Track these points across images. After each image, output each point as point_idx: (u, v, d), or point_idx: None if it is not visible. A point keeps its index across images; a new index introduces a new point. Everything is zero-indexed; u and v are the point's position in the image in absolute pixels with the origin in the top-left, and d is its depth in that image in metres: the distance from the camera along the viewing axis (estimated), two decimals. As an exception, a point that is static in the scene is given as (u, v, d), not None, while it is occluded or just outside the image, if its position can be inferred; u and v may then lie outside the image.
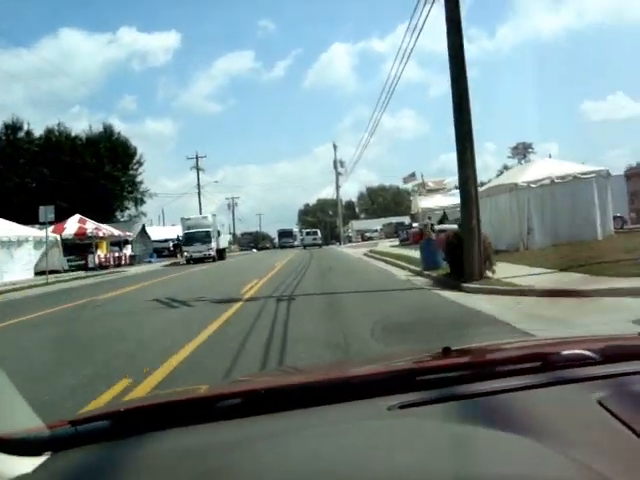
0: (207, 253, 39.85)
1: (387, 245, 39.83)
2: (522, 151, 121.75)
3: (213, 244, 40.71)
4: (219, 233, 45.58)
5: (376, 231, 74.72)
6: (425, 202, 38.28)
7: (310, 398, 1.32)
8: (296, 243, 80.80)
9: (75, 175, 55.48)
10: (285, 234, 76.60)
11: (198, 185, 60.48)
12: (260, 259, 38.81)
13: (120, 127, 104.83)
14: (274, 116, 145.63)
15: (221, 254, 43.50)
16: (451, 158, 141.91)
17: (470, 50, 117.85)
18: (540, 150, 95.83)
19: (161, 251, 52.71)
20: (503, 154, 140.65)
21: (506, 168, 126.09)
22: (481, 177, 48.27)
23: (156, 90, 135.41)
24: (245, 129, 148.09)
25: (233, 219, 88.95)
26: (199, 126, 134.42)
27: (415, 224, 62.72)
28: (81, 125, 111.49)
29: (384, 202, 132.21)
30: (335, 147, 58.00)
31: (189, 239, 40.57)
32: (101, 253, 36.63)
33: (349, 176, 56.05)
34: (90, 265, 34.08)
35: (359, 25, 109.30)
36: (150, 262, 43.88)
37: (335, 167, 57.73)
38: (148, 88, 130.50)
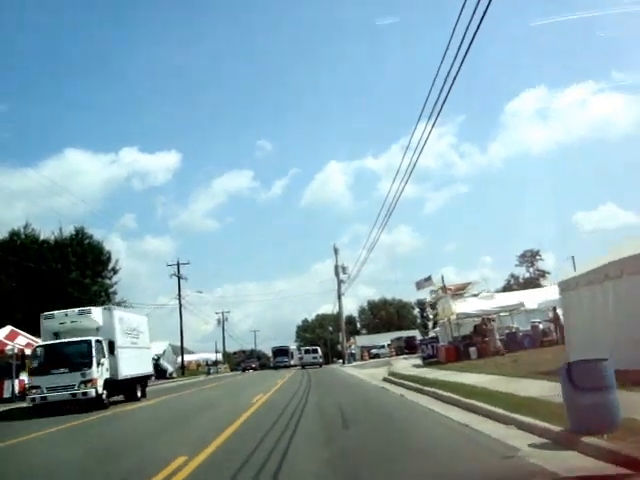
0: (77, 392, 18.10)
1: (407, 365, 30.65)
2: (530, 259, 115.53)
3: (94, 371, 18.48)
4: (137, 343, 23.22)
5: (383, 347, 65.27)
6: (461, 306, 29.36)
7: None
8: (293, 362, 71.24)
9: (39, 282, 47.26)
10: (280, 352, 66.92)
11: (179, 294, 51.86)
12: (224, 393, 25.45)
13: (119, 244, 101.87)
14: (272, 234, 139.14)
15: (131, 389, 21.93)
16: (449, 271, 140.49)
17: (462, 167, 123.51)
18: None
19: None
20: (504, 265, 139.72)
21: (513, 276, 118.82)
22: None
23: (155, 208, 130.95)
24: (243, 247, 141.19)
25: (223, 335, 79.53)
26: (198, 243, 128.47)
27: (434, 333, 53.64)
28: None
29: (387, 316, 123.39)
30: (336, 251, 50.45)
31: (45, 360, 18.95)
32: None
33: (351, 283, 47.75)
34: (5, 394, 24.59)
35: (355, 144, 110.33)
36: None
37: (337, 273, 49.68)
38: (148, 206, 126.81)
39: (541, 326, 29.51)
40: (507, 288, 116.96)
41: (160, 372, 45.16)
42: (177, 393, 26.34)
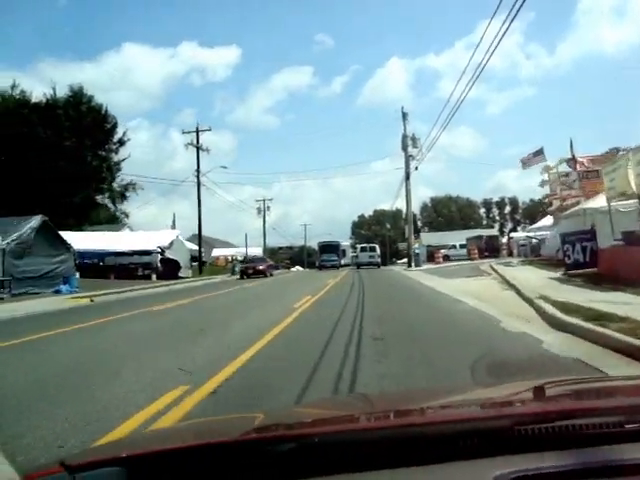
0: None
1: (530, 277, 17.74)
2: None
3: None
4: None
5: (454, 247, 52.35)
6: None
7: (378, 454, 1.03)
8: (345, 261, 59.21)
9: (24, 152, 36.08)
10: (328, 248, 53.96)
11: (198, 169, 39.64)
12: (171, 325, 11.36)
13: (177, 138, 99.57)
14: (331, 131, 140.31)
15: None
16: (508, 175, 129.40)
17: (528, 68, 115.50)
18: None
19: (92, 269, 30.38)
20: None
21: None
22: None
23: (214, 104, 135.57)
24: (302, 144, 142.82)
25: (264, 228, 67.84)
26: (256, 139, 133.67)
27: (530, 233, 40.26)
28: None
29: (450, 214, 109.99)
30: (405, 116, 36.48)
31: None
32: None
33: (422, 160, 34.09)
34: None
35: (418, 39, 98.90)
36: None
37: (404, 145, 36.03)
38: (207, 101, 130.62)
39: None
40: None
41: (168, 267, 33.84)
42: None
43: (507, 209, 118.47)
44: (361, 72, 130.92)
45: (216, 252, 66.72)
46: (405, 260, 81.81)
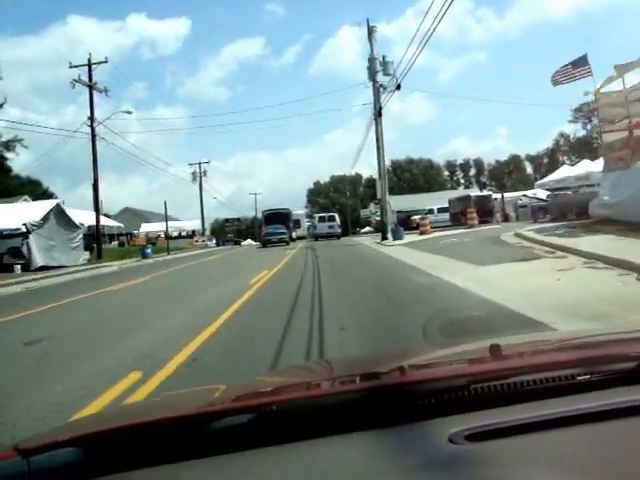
0: None
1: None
2: (587, 114, 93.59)
3: None
4: None
5: (431, 212, 42.55)
6: None
7: (334, 419, 1.03)
8: (299, 233, 49.40)
9: None
10: (275, 218, 42.89)
11: (91, 114, 28.26)
12: None
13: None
14: (283, 103, 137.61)
15: None
16: (461, 143, 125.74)
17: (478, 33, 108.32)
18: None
19: None
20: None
21: (562, 136, 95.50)
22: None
23: (165, 77, 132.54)
24: (254, 116, 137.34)
25: (201, 196, 56.25)
26: (209, 113, 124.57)
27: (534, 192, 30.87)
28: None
29: (412, 177, 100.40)
30: (371, 31, 25.66)
31: None
32: None
33: (391, 96, 23.71)
34: None
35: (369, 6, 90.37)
36: None
37: (371, 70, 25.34)
38: (157, 75, 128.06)
39: None
40: (554, 150, 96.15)
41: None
42: None
43: (472, 171, 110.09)
44: (312, 41, 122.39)
45: (146, 227, 55.30)
46: (370, 230, 72.22)
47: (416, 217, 42.76)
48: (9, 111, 50.28)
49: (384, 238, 25.73)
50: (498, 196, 38.58)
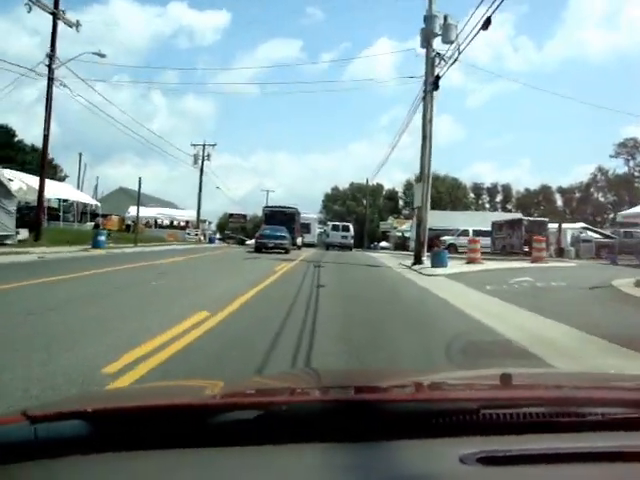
0: None
1: None
2: (631, 150, 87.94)
3: None
4: None
5: (465, 233, 35.20)
6: None
7: (351, 426, 1.00)
8: (308, 239, 43.97)
9: None
10: (277, 217, 35.16)
11: (52, 49, 21.26)
12: None
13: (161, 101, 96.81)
14: (313, 108, 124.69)
15: None
16: (485, 167, 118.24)
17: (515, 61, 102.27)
18: None
19: None
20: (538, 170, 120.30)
21: (600, 170, 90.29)
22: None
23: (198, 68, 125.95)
24: (282, 117, 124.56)
25: (200, 182, 48.47)
26: (238, 108, 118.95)
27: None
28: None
29: (438, 195, 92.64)
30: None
31: None
32: None
33: (448, 68, 16.54)
34: None
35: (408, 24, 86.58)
36: None
37: (427, 31, 18.23)
38: (191, 65, 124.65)
39: None
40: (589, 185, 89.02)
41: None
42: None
43: (499, 197, 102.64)
44: (349, 50, 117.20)
45: (135, 211, 48.11)
46: (387, 245, 64.42)
47: (447, 237, 35.38)
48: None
49: (417, 262, 18.32)
50: (553, 225, 30.99)
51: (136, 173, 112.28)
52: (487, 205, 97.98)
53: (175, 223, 49.03)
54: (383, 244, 61.73)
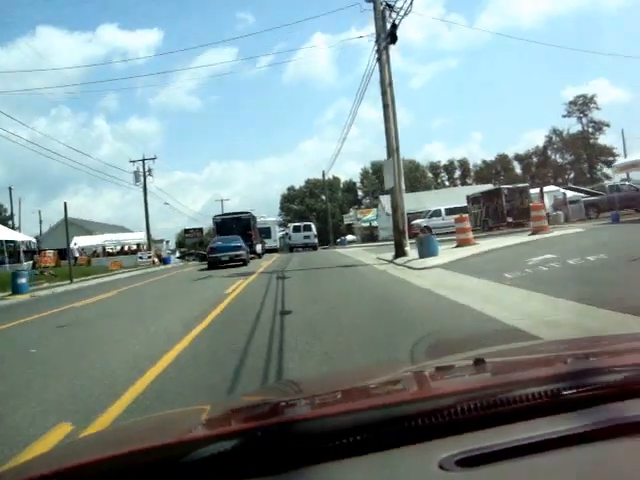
0: None
1: None
2: (581, 107, 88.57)
3: None
4: None
5: (437, 214, 32.46)
6: None
7: (318, 445, 0.90)
8: (270, 244, 41.35)
9: None
10: (230, 226, 30.51)
11: None
12: None
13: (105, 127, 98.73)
14: (257, 112, 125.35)
15: None
16: (434, 147, 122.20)
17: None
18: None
19: None
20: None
21: (555, 132, 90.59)
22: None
23: (136, 88, 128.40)
24: (228, 126, 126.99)
25: (145, 201, 44.19)
26: (182, 123, 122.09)
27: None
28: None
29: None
30: None
31: None
32: None
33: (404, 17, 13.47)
34: None
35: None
36: None
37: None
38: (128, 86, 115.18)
39: None
40: (548, 144, 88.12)
41: None
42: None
43: (457, 173, 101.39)
44: (285, 49, 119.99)
45: (82, 241, 43.86)
46: (354, 239, 61.23)
47: (419, 221, 32.57)
48: None
49: (400, 254, 15.14)
50: (533, 191, 28.23)
51: (89, 203, 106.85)
52: (447, 183, 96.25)
53: (127, 248, 44.92)
54: (349, 237, 58.79)
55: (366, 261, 16.92)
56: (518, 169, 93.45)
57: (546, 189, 30.92)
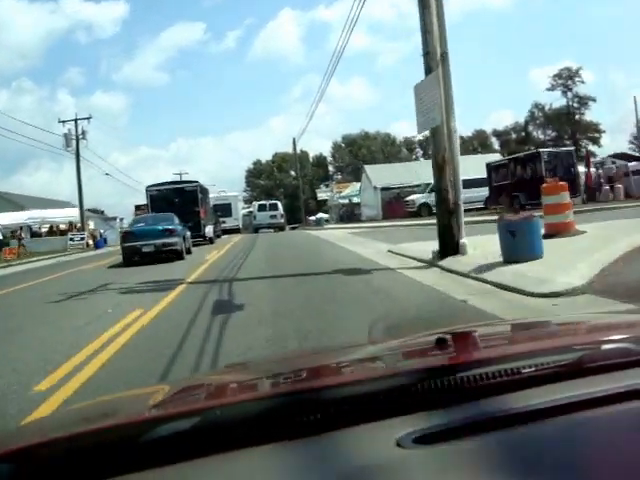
0: None
1: None
2: (565, 80, 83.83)
3: None
4: None
5: (432, 188, 25.56)
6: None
7: (272, 424, 0.90)
8: (231, 224, 36.07)
9: None
10: (167, 202, 22.07)
11: None
12: None
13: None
14: (225, 87, 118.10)
15: None
16: (403, 126, 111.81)
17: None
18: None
19: None
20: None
21: (537, 107, 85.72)
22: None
23: (102, 62, 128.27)
24: (196, 101, 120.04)
25: (78, 170, 35.98)
26: (149, 98, 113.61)
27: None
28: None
29: (370, 154, 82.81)
30: None
31: None
32: None
33: None
34: None
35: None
36: None
37: None
38: (93, 60, 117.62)
39: None
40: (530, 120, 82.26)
41: None
42: None
43: (431, 150, 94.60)
44: (253, 25, 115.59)
45: (4, 218, 35.53)
46: (328, 217, 53.75)
47: (416, 196, 25.70)
48: None
49: (448, 249, 8.17)
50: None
51: (54, 179, 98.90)
52: (422, 159, 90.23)
53: (59, 227, 36.98)
54: (322, 216, 51.16)
55: (378, 260, 9.76)
56: (496, 145, 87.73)
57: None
